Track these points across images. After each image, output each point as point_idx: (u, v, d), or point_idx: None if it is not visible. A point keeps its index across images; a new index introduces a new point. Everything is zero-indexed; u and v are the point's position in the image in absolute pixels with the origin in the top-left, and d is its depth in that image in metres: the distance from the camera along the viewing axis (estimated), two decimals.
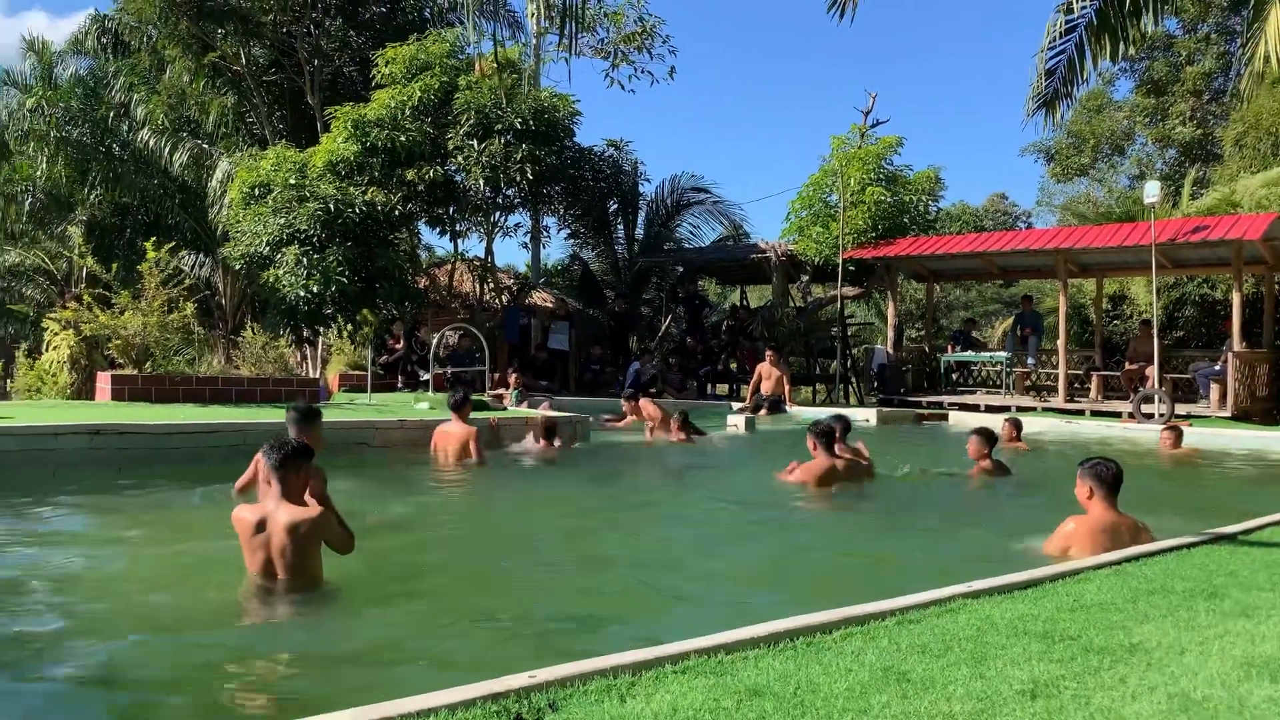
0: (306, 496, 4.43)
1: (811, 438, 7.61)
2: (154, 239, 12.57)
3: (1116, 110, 31.36)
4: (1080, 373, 17.08)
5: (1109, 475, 5.10)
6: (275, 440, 4.46)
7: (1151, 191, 13.78)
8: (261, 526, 4.26)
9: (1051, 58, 10.52)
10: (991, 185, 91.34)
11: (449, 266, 20.77)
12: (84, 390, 13.51)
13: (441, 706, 2.63)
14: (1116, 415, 14.54)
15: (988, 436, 8.54)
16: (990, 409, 15.61)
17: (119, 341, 11.41)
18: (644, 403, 12.72)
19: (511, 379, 15.91)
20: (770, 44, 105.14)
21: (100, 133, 20.29)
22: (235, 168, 17.84)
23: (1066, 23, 10.19)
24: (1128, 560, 4.82)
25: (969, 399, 16.84)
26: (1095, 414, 14.99)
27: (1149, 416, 13.56)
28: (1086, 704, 2.90)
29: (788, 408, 15.31)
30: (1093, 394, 16.20)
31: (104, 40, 22.71)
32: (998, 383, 17.66)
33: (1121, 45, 10.17)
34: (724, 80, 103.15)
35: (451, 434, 9.00)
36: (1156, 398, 13.85)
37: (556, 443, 9.62)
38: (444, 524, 7.03)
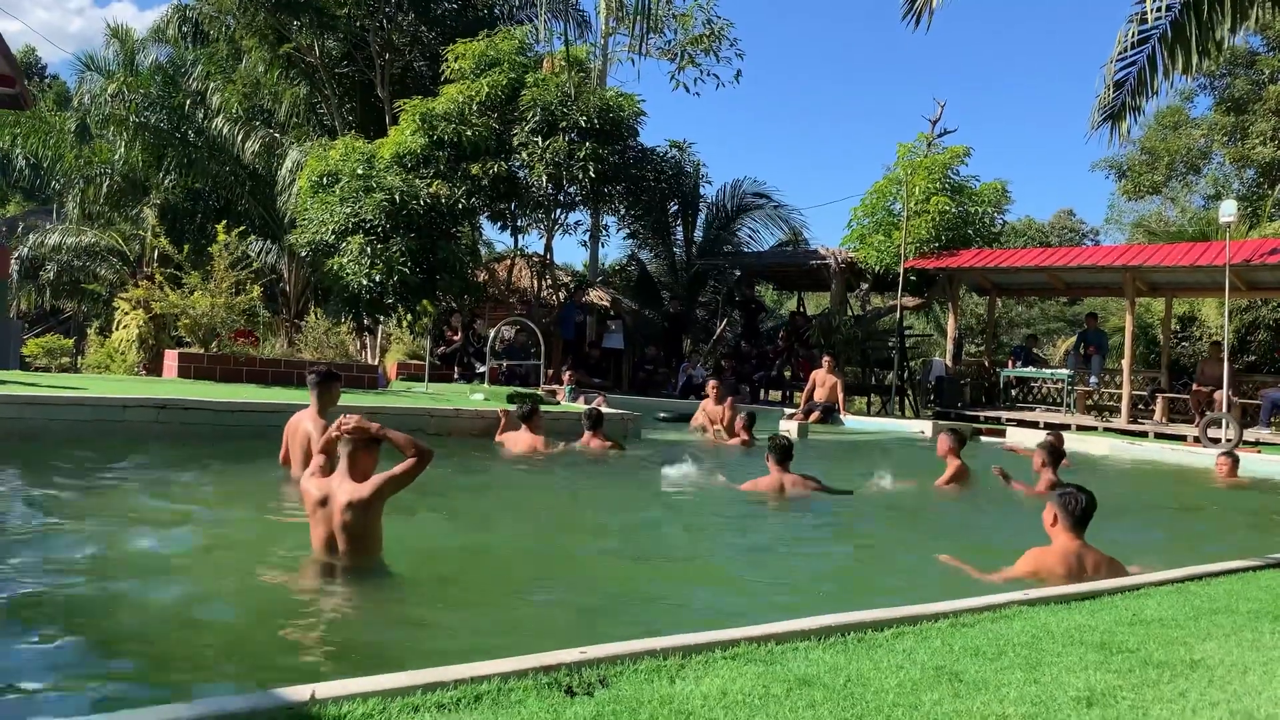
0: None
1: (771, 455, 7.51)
2: (224, 223, 12.88)
3: (1194, 128, 30.52)
4: (1145, 394, 16.69)
5: (1075, 506, 4.88)
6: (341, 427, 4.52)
7: (1228, 211, 13.41)
8: (325, 501, 4.40)
9: (1121, 69, 10.25)
10: (1059, 201, 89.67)
11: (508, 261, 20.96)
12: (151, 368, 13.89)
13: (495, 674, 2.66)
14: (1181, 438, 14.17)
15: (1051, 451, 8.33)
16: (1049, 426, 15.31)
17: (187, 320, 11.71)
18: (707, 403, 12.71)
19: (566, 376, 16.00)
20: (839, 51, 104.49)
21: (177, 119, 20.83)
22: (305, 157, 18.20)
23: (1139, 33, 9.93)
24: (1190, 579, 4.72)
25: (1028, 415, 16.54)
26: (1159, 436, 14.63)
27: (1215, 441, 13.19)
28: (1144, 715, 2.85)
29: (841, 416, 15.18)
30: (1157, 416, 15.81)
31: (184, 29, 23.33)
32: (1058, 400, 17.31)
33: (1196, 58, 9.87)
34: (789, 85, 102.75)
35: (521, 440, 9.25)
36: (1224, 422, 13.47)
37: (602, 439, 9.55)
38: (500, 509, 7.11)
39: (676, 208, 22.23)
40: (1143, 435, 14.69)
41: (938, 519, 7.86)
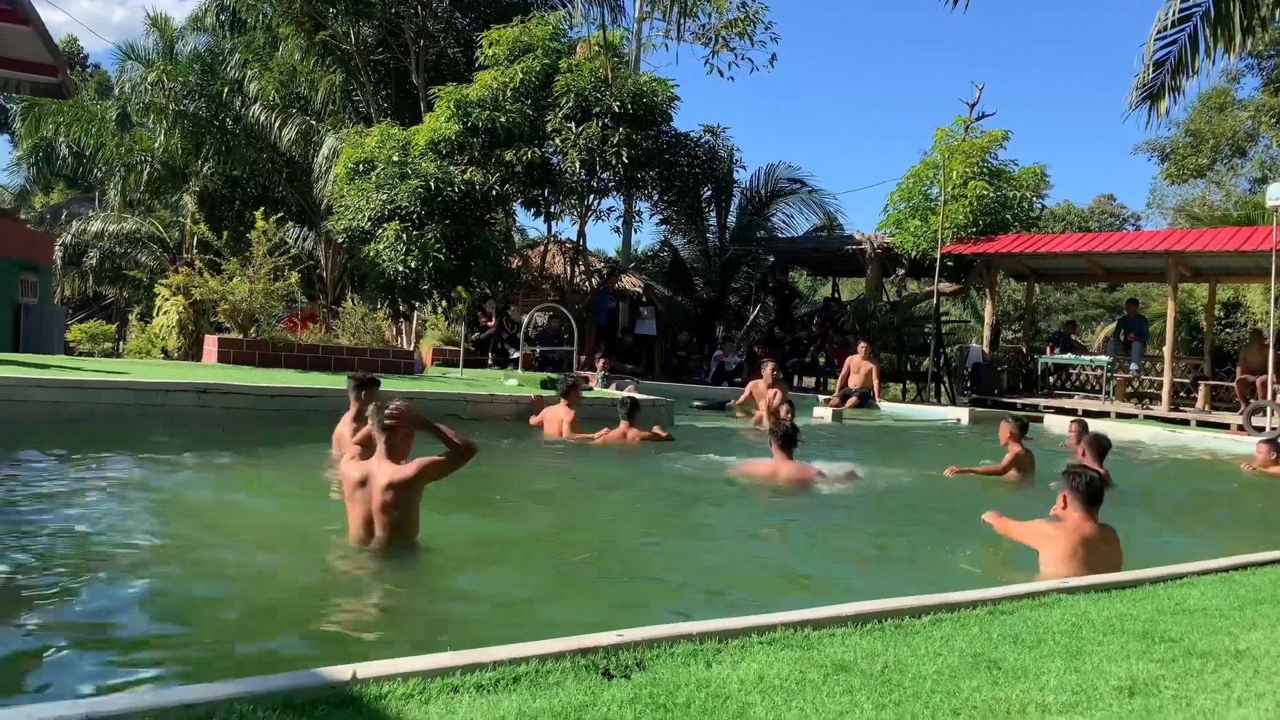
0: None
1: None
2: (262, 210, 13.02)
3: (1240, 109, 29.85)
4: (1186, 381, 16.41)
5: (1079, 484, 4.91)
6: (380, 409, 4.61)
7: (1275, 194, 13.12)
8: (364, 482, 4.47)
9: (1160, 48, 10.04)
10: (1099, 186, 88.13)
11: (541, 248, 21.00)
12: (190, 354, 14.10)
13: (532, 656, 2.68)
14: (1224, 426, 13.93)
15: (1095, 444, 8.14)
16: (1088, 414, 15.12)
17: (226, 306, 11.86)
18: (758, 383, 12.67)
19: (599, 364, 16.05)
20: (875, 34, 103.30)
21: (215, 107, 21.06)
22: (341, 144, 18.32)
23: (1180, 10, 9.71)
24: (1235, 568, 4.65)
25: (1066, 403, 16.34)
26: (1201, 424, 14.39)
27: (1260, 429, 12.96)
28: (1188, 705, 2.81)
29: (877, 402, 15.09)
30: (1199, 403, 15.56)
31: (222, 18, 23.55)
32: (1097, 388, 17.08)
33: (1240, 36, 9.63)
34: (825, 69, 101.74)
35: (555, 417, 9.36)
36: (1269, 410, 13.23)
37: (638, 429, 9.49)
38: (534, 494, 7.15)
39: (710, 193, 22.11)
40: (1184, 423, 14.46)
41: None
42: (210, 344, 11.52)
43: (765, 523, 6.71)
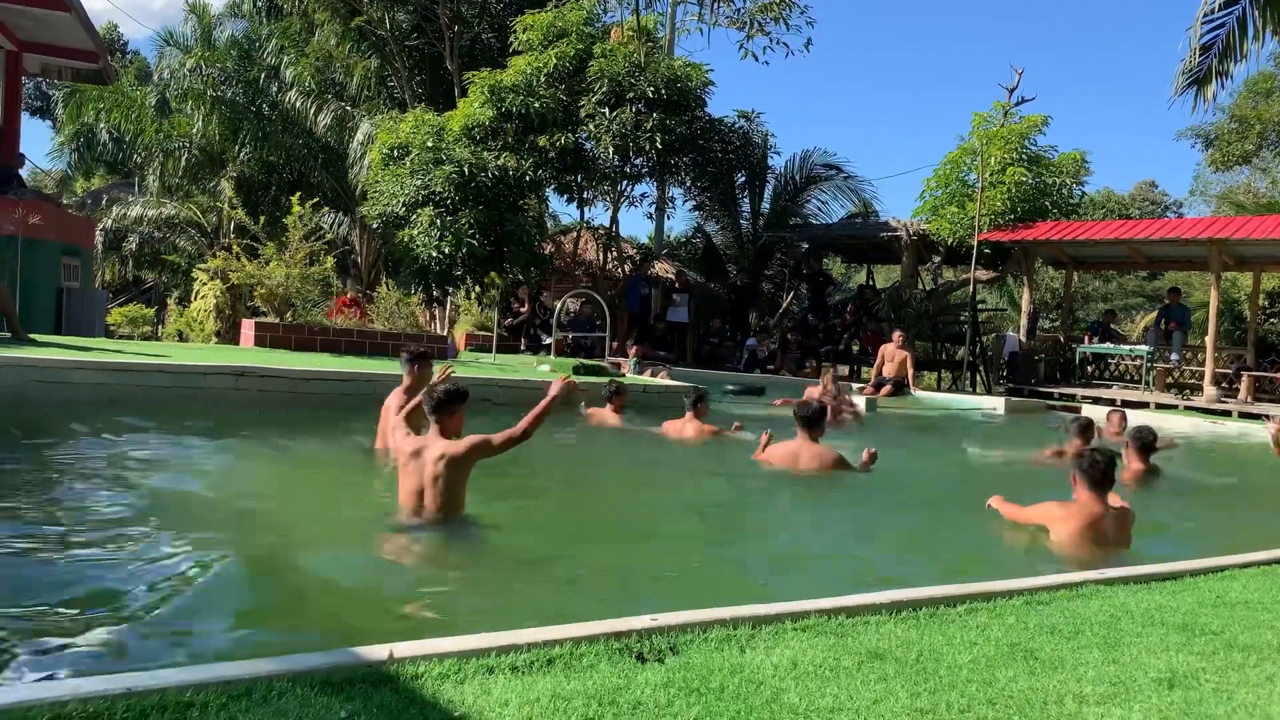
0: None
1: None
2: (298, 195, 13.13)
3: None
4: (1229, 372, 16.12)
5: (1084, 464, 5.07)
6: (432, 389, 4.93)
7: None
8: (418, 454, 4.68)
9: (1208, 31, 9.83)
10: (1140, 173, 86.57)
11: (574, 234, 21.00)
12: (228, 337, 14.27)
13: (566, 639, 2.69)
14: (1269, 418, 13.67)
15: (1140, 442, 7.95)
16: (1126, 404, 14.91)
17: (263, 290, 11.98)
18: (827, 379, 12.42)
19: (631, 350, 16.04)
20: (913, 18, 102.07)
21: (252, 93, 21.24)
22: (376, 130, 18.41)
23: None
24: (1276, 561, 4.57)
25: (1104, 393, 16.11)
26: (1244, 415, 14.13)
27: None
28: (1229, 699, 2.77)
29: (911, 390, 14.96)
30: (1242, 394, 15.27)
31: (259, 4, 23.74)
32: (1136, 378, 16.82)
33: None
34: (862, 53, 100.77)
35: (602, 417, 9.35)
36: None
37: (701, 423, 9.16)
38: (573, 479, 7.18)
39: (744, 179, 21.99)
40: (1226, 414, 14.21)
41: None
42: (247, 328, 11.65)
43: (797, 508, 6.68)
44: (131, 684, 2.28)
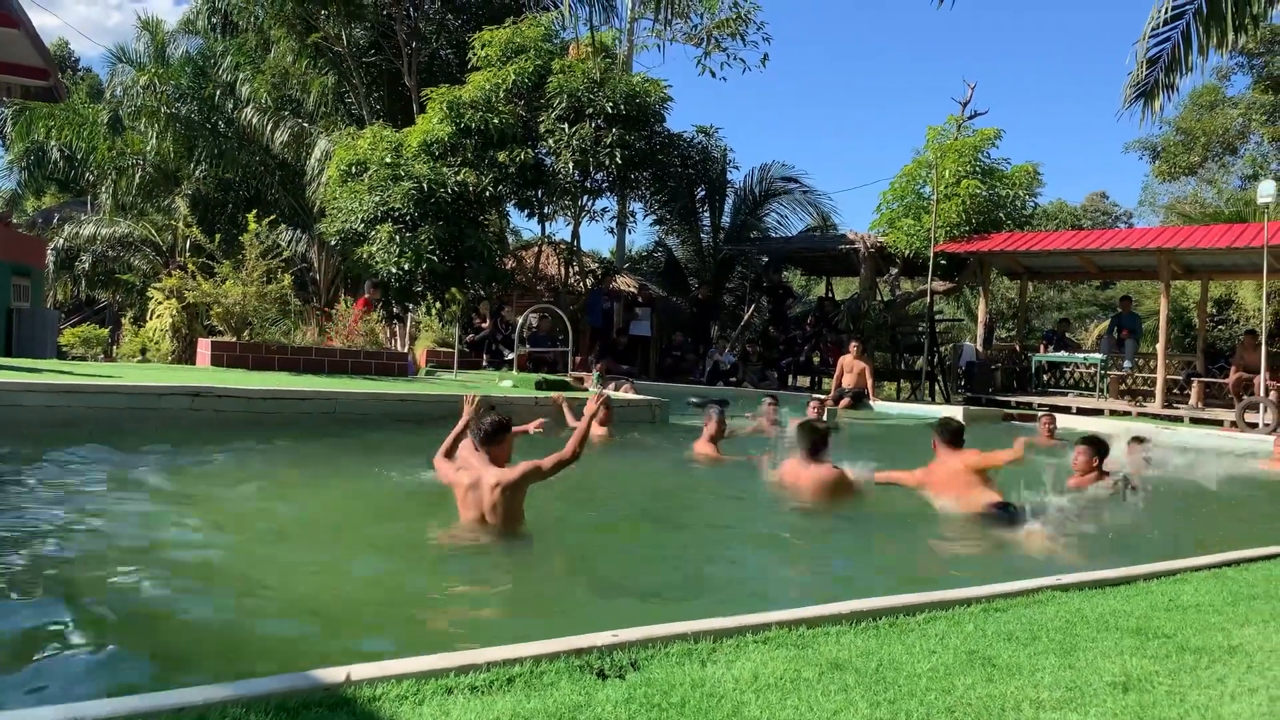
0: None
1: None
2: (254, 212, 12.97)
3: (1231, 107, 29.93)
4: (1180, 378, 16.45)
5: (939, 427, 6.54)
6: (477, 421, 5.16)
7: (1266, 191, 13.18)
8: (475, 486, 4.93)
9: (1154, 45, 10.03)
10: (1091, 184, 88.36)
11: (535, 249, 20.98)
12: (184, 357, 14.06)
13: (527, 657, 2.68)
14: (1217, 423, 13.97)
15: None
16: (1082, 411, 15.16)
17: (220, 309, 11.82)
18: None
19: (597, 366, 16.05)
20: (867, 34, 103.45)
21: (207, 110, 21.00)
22: (333, 146, 18.28)
23: (1174, 7, 9.70)
24: (1227, 564, 4.66)
25: (1060, 401, 16.37)
26: (1195, 421, 14.42)
27: (1253, 426, 13.00)
28: (1181, 701, 2.82)
29: (871, 402, 15.09)
30: (1193, 400, 15.58)
31: (214, 20, 23.47)
32: (1090, 385, 17.11)
33: (1233, 34, 9.63)
34: (817, 69, 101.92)
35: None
36: (1263, 407, 13.27)
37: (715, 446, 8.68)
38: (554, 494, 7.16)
39: (704, 193, 22.14)
40: (1178, 420, 14.49)
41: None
42: (204, 347, 11.49)
43: (770, 525, 6.69)
44: (79, 714, 2.23)
